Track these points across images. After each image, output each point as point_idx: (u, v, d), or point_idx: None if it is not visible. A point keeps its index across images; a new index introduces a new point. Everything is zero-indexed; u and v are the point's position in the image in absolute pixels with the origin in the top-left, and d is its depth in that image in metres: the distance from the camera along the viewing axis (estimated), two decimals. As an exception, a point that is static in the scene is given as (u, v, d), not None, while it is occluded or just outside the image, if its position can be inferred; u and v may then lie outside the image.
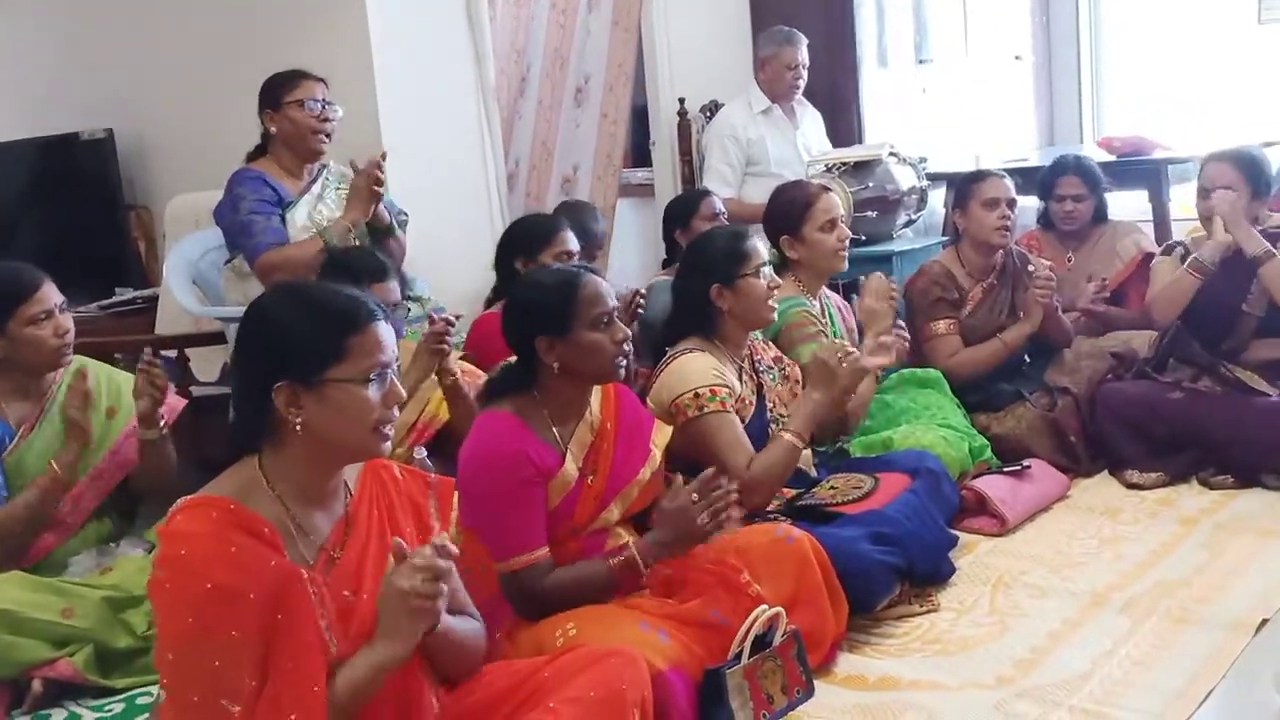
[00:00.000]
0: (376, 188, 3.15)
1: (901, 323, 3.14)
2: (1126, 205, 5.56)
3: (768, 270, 2.98)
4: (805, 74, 4.74)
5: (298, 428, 1.72)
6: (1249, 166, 3.53)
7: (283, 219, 3.20)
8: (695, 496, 2.31)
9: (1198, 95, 6.32)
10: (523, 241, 3.39)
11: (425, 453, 2.75)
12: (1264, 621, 2.52)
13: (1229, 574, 2.82)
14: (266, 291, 1.91)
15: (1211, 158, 3.60)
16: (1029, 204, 4.33)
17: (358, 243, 3.20)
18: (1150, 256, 4.04)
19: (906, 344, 3.13)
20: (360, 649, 1.72)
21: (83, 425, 2.63)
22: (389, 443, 1.81)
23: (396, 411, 1.80)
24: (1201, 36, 6.33)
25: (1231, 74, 6.18)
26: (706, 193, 4.18)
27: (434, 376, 2.93)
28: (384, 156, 3.22)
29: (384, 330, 1.78)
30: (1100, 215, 4.19)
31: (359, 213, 3.17)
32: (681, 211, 4.10)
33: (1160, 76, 6.52)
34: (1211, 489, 3.40)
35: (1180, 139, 5.11)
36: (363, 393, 1.73)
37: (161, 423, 2.72)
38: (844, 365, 2.82)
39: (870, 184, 4.41)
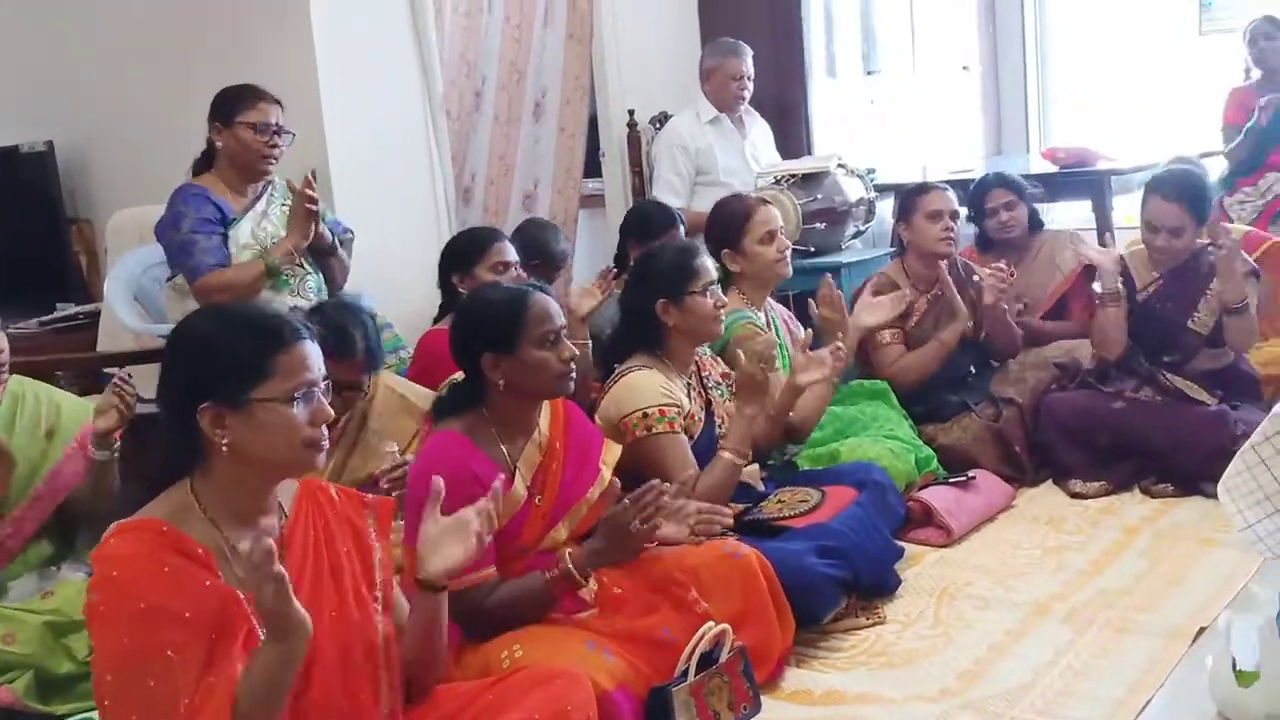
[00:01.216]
0: (310, 206, 3.10)
1: (840, 339, 3.16)
2: (1071, 215, 5.65)
3: (716, 288, 3.00)
4: (751, 85, 4.76)
5: (224, 449, 1.71)
6: (1195, 201, 3.55)
7: (225, 236, 3.16)
8: (627, 503, 2.32)
9: (1141, 105, 6.42)
10: (458, 256, 3.38)
11: (395, 445, 2.73)
12: (1201, 630, 2.57)
13: (1168, 583, 2.87)
14: (193, 312, 1.90)
15: (1157, 193, 3.58)
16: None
17: (302, 261, 3.18)
18: (1089, 269, 4.09)
19: (844, 360, 3.14)
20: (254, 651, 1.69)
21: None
22: (322, 456, 1.80)
23: (326, 430, 1.78)
24: (1145, 47, 6.43)
25: (1173, 84, 6.28)
26: (674, 220, 4.02)
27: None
28: (314, 174, 3.18)
29: (309, 348, 1.77)
30: (1035, 222, 4.24)
31: (300, 235, 3.14)
32: (643, 227, 3.98)
33: (1105, 87, 6.61)
34: (1153, 497, 3.46)
35: (1124, 149, 5.19)
36: (289, 412, 1.72)
37: (115, 444, 2.67)
38: (766, 373, 2.84)
39: (819, 195, 4.44)
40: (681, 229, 4.02)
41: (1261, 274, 3.71)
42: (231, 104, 3.20)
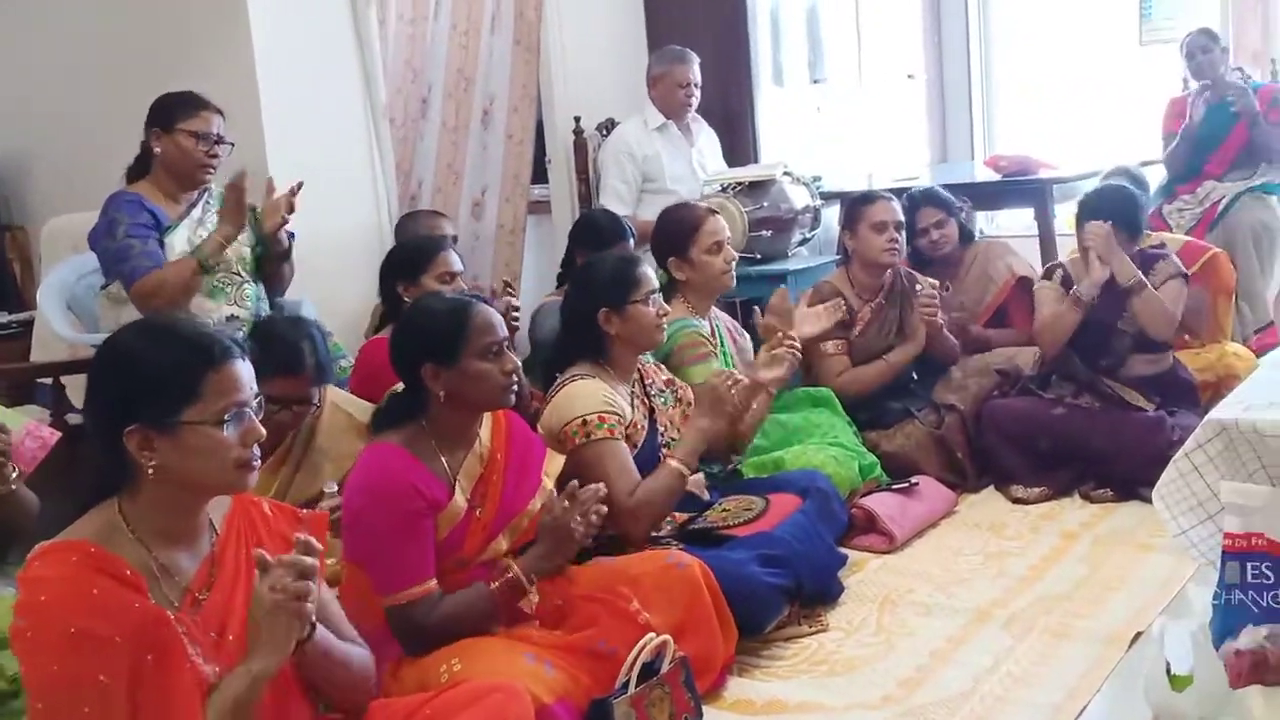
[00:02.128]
0: (287, 213, 3.06)
1: (794, 334, 3.18)
2: (1014, 223, 5.71)
3: (657, 297, 2.99)
4: (698, 92, 4.76)
5: (151, 471, 1.67)
6: (1129, 219, 3.61)
7: (161, 243, 3.11)
8: (566, 504, 2.31)
9: (1083, 114, 6.51)
10: (403, 265, 3.35)
11: (335, 486, 2.69)
12: (1138, 635, 2.60)
13: (1106, 588, 2.90)
14: (121, 328, 1.84)
15: (1091, 214, 3.64)
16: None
17: (239, 269, 3.13)
18: (1023, 280, 4.14)
19: (799, 357, 3.16)
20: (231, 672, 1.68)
21: None
22: (254, 476, 1.76)
23: (257, 449, 1.75)
24: (1086, 57, 6.52)
25: (1115, 94, 6.38)
26: (624, 232, 3.99)
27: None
28: (243, 174, 3.12)
29: (241, 367, 1.74)
30: (966, 236, 4.27)
31: (231, 227, 3.09)
32: (593, 238, 3.94)
33: (1048, 96, 6.70)
34: (1092, 502, 3.50)
35: (1066, 157, 5.25)
36: (218, 434, 1.69)
37: (14, 476, 2.53)
38: (734, 392, 2.84)
39: (765, 203, 4.45)
40: (631, 241, 4.01)
41: (1197, 287, 3.76)
42: (172, 110, 3.15)
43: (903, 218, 3.88)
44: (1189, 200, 5.03)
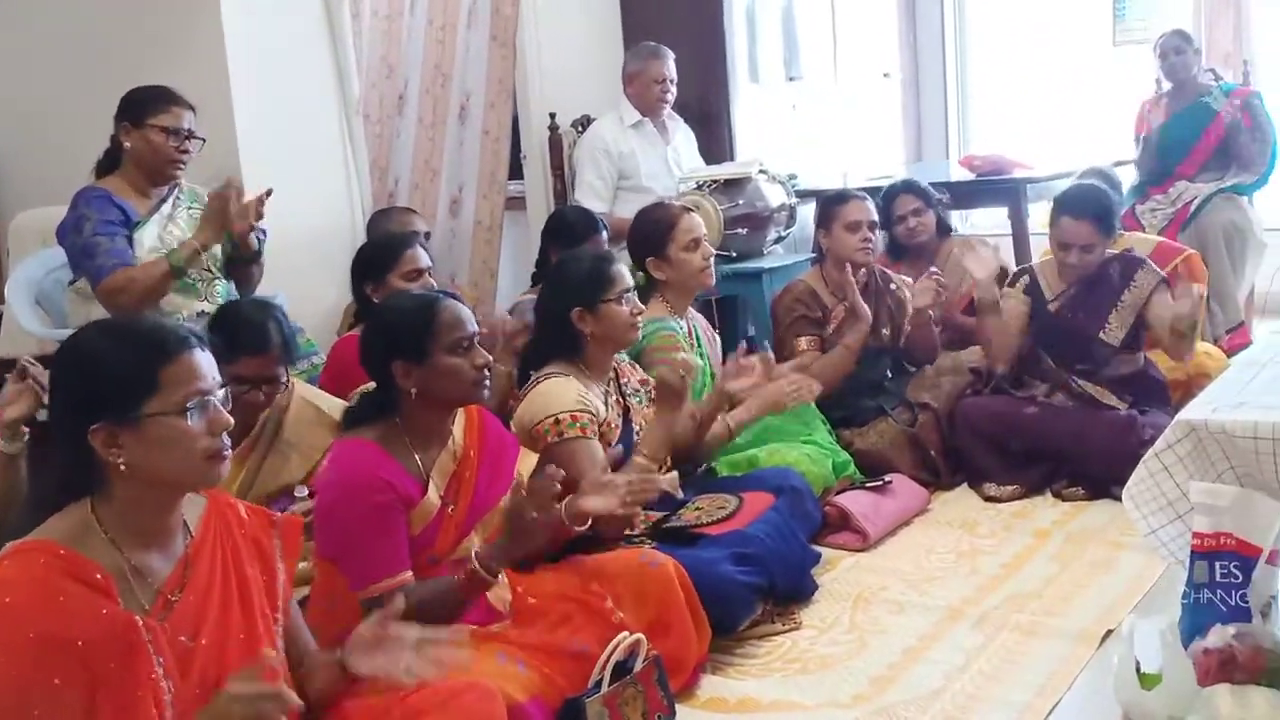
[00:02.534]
0: (252, 217, 3.04)
1: (768, 344, 3.17)
2: (988, 222, 5.74)
3: (631, 296, 2.99)
4: (674, 88, 4.76)
5: (121, 468, 1.65)
6: (1103, 219, 3.61)
7: (130, 239, 3.08)
8: (524, 493, 2.29)
9: (1058, 114, 6.55)
10: (370, 264, 3.33)
11: (307, 490, 2.68)
12: (1108, 633, 2.61)
13: (1077, 586, 2.92)
14: (77, 330, 1.83)
15: (1066, 213, 3.63)
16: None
17: (210, 266, 3.11)
18: (999, 270, 4.16)
19: (771, 363, 3.15)
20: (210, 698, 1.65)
21: None
22: (225, 466, 1.75)
23: (227, 438, 1.74)
24: (1061, 57, 6.57)
25: (1089, 94, 6.42)
26: (597, 227, 3.99)
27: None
28: (268, 192, 3.11)
29: (199, 357, 1.72)
30: (944, 228, 4.30)
31: (209, 236, 3.06)
32: (566, 234, 3.93)
33: (1023, 95, 6.74)
34: (1064, 500, 3.53)
35: (1040, 157, 5.28)
36: (182, 424, 1.67)
37: (25, 435, 2.51)
38: (685, 381, 2.85)
39: (740, 201, 4.45)
40: (604, 235, 4.01)
41: (1170, 283, 3.78)
42: (143, 105, 3.11)
43: (876, 217, 3.89)
44: (1161, 200, 5.07)
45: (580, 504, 2.41)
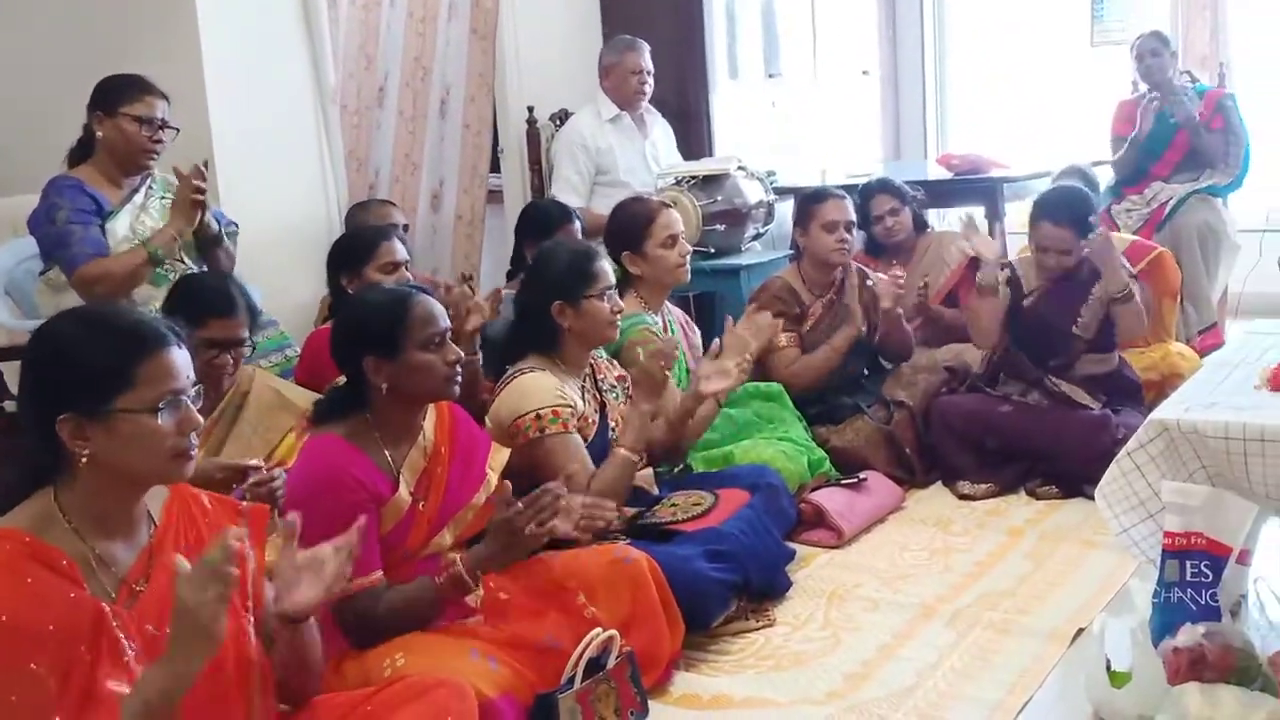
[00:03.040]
0: (198, 196, 3.02)
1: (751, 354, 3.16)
2: (965, 220, 5.74)
3: (613, 293, 2.98)
4: (650, 80, 4.74)
5: (84, 460, 1.64)
6: (1080, 222, 3.62)
7: (103, 229, 3.05)
8: (520, 505, 2.28)
9: (1035, 113, 6.58)
10: (346, 257, 3.31)
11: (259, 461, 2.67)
12: (1080, 631, 2.62)
13: (1050, 585, 2.93)
14: (54, 316, 1.80)
15: (1046, 218, 3.63)
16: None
17: (183, 256, 3.08)
18: (975, 260, 4.18)
19: (746, 374, 3.14)
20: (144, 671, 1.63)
21: None
22: (191, 465, 1.73)
23: (195, 438, 1.72)
24: (1039, 57, 6.59)
25: (1066, 94, 6.45)
26: (571, 217, 4.02)
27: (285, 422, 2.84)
28: (205, 164, 3.09)
29: (176, 355, 1.70)
30: (920, 224, 4.32)
31: (183, 222, 3.04)
32: (539, 227, 3.96)
33: (1001, 94, 6.77)
34: (1038, 499, 3.54)
35: (1017, 156, 5.30)
36: (152, 423, 1.65)
37: None
38: (665, 371, 2.83)
39: (719, 198, 4.46)
40: (577, 224, 4.00)
41: (1142, 284, 3.80)
42: (116, 94, 3.09)
43: (854, 217, 3.89)
44: (1137, 201, 5.10)
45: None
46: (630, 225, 3.46)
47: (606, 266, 3.02)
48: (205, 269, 3.22)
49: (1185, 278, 4.59)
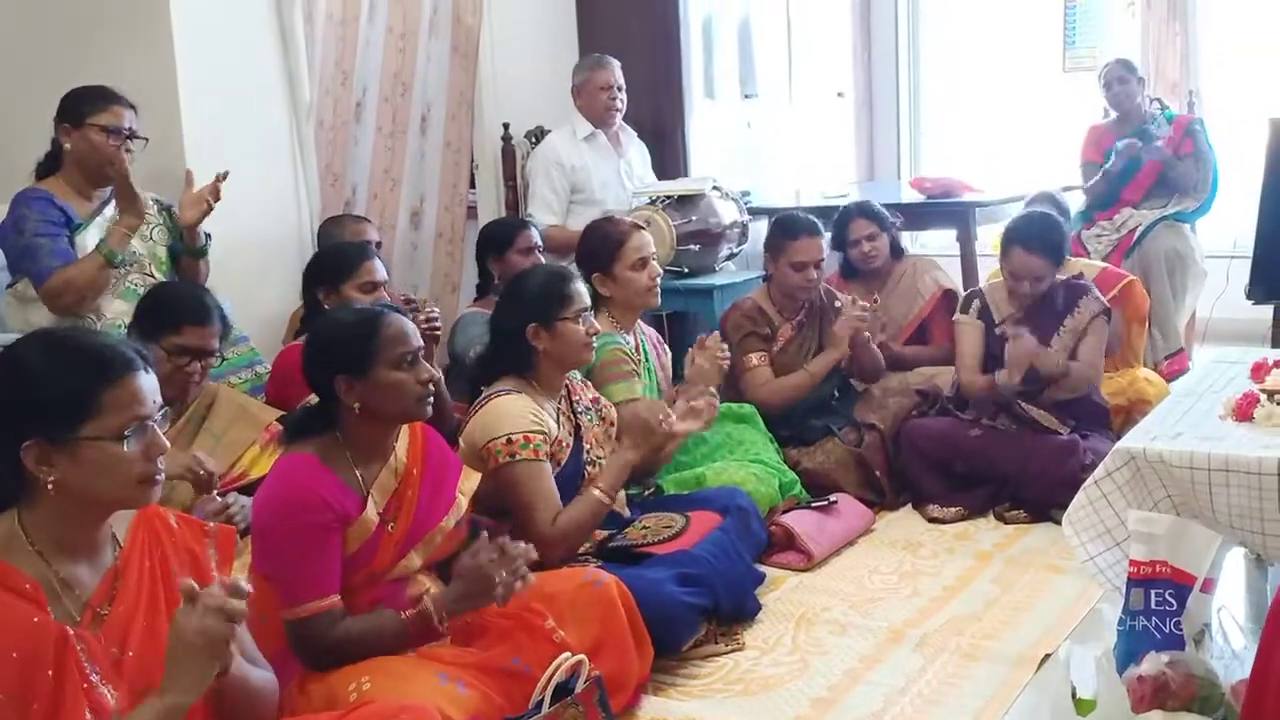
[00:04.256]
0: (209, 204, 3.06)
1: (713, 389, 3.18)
2: (936, 243, 5.80)
3: (588, 315, 2.97)
4: (623, 95, 4.75)
5: (49, 487, 1.62)
6: (1054, 250, 3.66)
7: (71, 241, 3.03)
8: (495, 556, 2.26)
9: (1008, 138, 6.64)
10: (325, 272, 3.30)
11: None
12: (1046, 657, 2.64)
13: (1017, 610, 2.94)
14: (20, 339, 1.79)
15: (1019, 245, 3.65)
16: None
17: (154, 271, 3.06)
18: (949, 293, 4.21)
19: (715, 410, 3.15)
20: (144, 700, 1.62)
21: None
22: (158, 490, 1.72)
23: (162, 462, 1.71)
24: (1012, 82, 6.66)
25: (1038, 119, 6.52)
26: (524, 225, 4.13)
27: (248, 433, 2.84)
28: (224, 176, 3.12)
29: (142, 380, 1.69)
30: (896, 250, 4.34)
31: (132, 216, 3.03)
32: (498, 239, 4.04)
33: (974, 118, 6.83)
34: (1006, 523, 3.56)
35: (990, 180, 5.34)
36: (118, 450, 1.64)
37: None
38: (664, 426, 2.85)
39: (694, 217, 4.47)
40: (533, 229, 4.08)
41: (1114, 311, 3.84)
42: (82, 105, 3.07)
43: (824, 255, 3.89)
44: (1106, 227, 5.15)
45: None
46: (600, 247, 3.46)
47: (581, 289, 3.02)
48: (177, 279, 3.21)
49: (1153, 303, 4.64)
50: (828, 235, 4.05)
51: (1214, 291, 5.16)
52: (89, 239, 3.07)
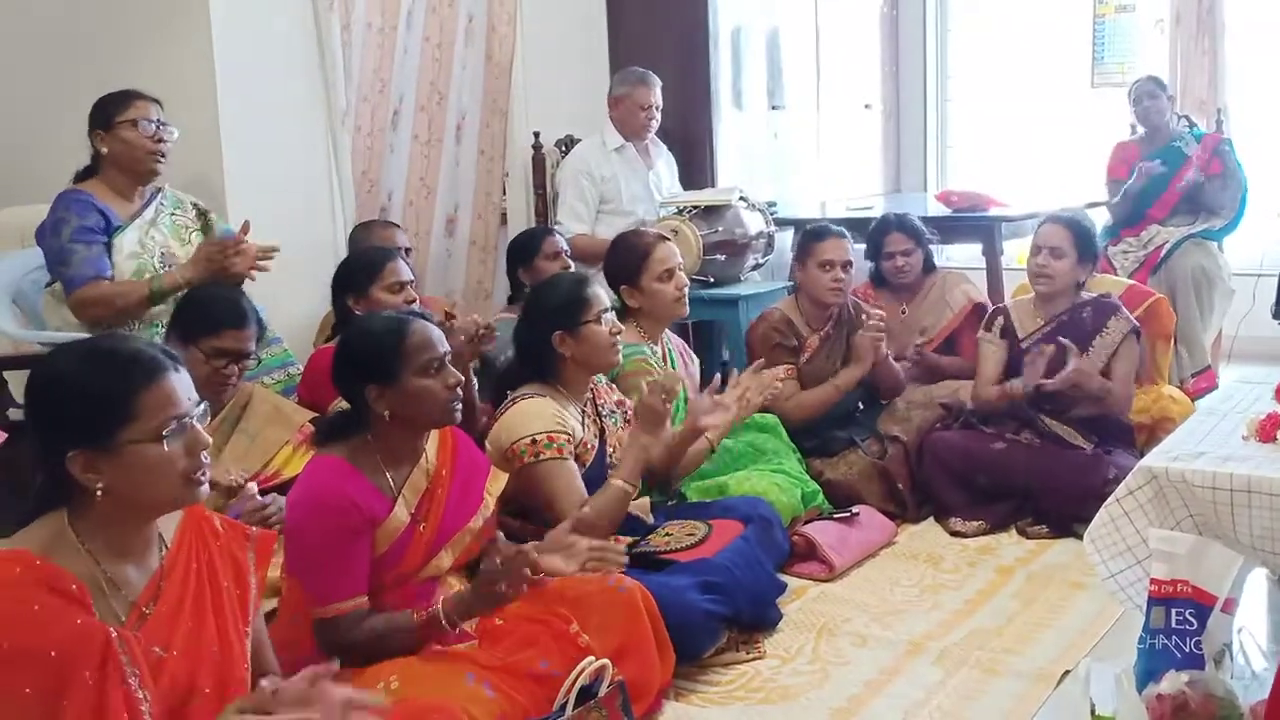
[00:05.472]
0: (231, 265, 3.07)
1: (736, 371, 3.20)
2: (961, 256, 5.81)
3: (610, 316, 3.01)
4: (659, 115, 4.79)
5: (99, 493, 1.66)
6: (1081, 234, 3.70)
7: (109, 245, 3.08)
8: (499, 564, 2.29)
9: (1035, 153, 6.64)
10: (352, 277, 3.35)
11: (255, 487, 2.70)
12: (1065, 673, 2.65)
13: (1037, 625, 2.95)
14: (51, 352, 1.82)
15: (1048, 219, 3.77)
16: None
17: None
18: (979, 306, 4.22)
19: (748, 409, 3.18)
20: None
21: None
22: (205, 487, 1.76)
23: (207, 457, 1.75)
24: (1040, 96, 6.65)
25: (1066, 134, 6.51)
26: (549, 231, 4.19)
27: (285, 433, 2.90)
28: (246, 229, 3.13)
29: (175, 380, 1.72)
30: (929, 265, 4.35)
31: (195, 276, 3.07)
32: (524, 249, 4.09)
33: (1001, 132, 6.83)
34: (1028, 538, 3.56)
35: (1016, 195, 5.35)
36: (160, 450, 1.68)
37: None
38: (667, 405, 2.87)
39: (720, 228, 4.50)
40: (558, 235, 4.13)
41: (1142, 332, 3.84)
42: (109, 108, 3.15)
43: (851, 257, 3.91)
44: (1133, 243, 5.15)
45: (541, 561, 2.37)
46: (627, 259, 3.49)
47: (600, 291, 3.06)
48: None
49: (1179, 321, 4.64)
50: (858, 247, 4.08)
51: (1241, 309, 5.15)
52: (127, 241, 3.12)
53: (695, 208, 4.54)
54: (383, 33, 4.32)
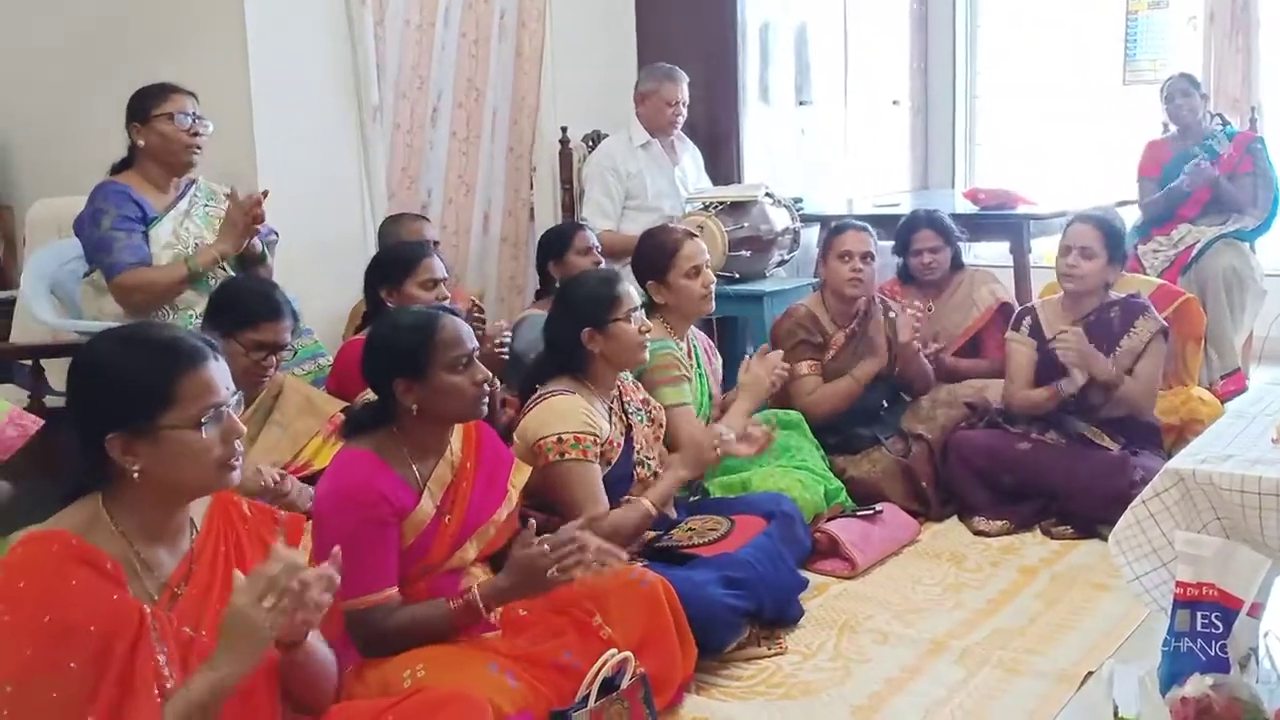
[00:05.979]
0: (255, 225, 3.11)
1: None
2: (989, 254, 5.79)
3: (639, 314, 3.03)
4: (685, 111, 4.79)
5: (135, 475, 1.70)
6: (1112, 234, 3.69)
7: (146, 234, 3.12)
8: (547, 548, 2.32)
9: (1065, 151, 6.60)
10: (387, 271, 3.37)
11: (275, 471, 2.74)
12: (1089, 675, 2.65)
13: (1060, 626, 2.95)
14: (93, 337, 1.86)
15: (1077, 218, 3.75)
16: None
17: (225, 266, 3.15)
18: (1006, 306, 4.20)
19: (773, 438, 3.26)
20: (198, 668, 1.70)
21: None
22: (237, 473, 1.80)
23: (240, 444, 1.78)
24: (1071, 93, 6.61)
25: (1097, 132, 6.47)
26: (580, 226, 4.21)
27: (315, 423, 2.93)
28: (265, 194, 3.17)
29: (214, 369, 1.76)
30: (957, 263, 4.33)
31: (229, 245, 3.12)
32: (556, 244, 4.12)
33: (1031, 130, 6.79)
34: (1053, 539, 3.55)
35: (1045, 193, 5.32)
36: (197, 436, 1.72)
37: None
38: (718, 452, 2.94)
39: (746, 224, 4.50)
40: (588, 230, 4.14)
41: (1170, 332, 3.82)
42: (145, 101, 3.19)
43: (873, 249, 3.91)
44: (1163, 243, 5.11)
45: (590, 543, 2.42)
46: (655, 255, 3.51)
47: (629, 288, 3.08)
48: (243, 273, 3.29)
49: (1210, 322, 4.60)
50: (884, 243, 4.07)
51: (1272, 311, 5.11)
52: (162, 232, 3.16)
53: (721, 203, 4.54)
54: (421, 29, 4.34)
